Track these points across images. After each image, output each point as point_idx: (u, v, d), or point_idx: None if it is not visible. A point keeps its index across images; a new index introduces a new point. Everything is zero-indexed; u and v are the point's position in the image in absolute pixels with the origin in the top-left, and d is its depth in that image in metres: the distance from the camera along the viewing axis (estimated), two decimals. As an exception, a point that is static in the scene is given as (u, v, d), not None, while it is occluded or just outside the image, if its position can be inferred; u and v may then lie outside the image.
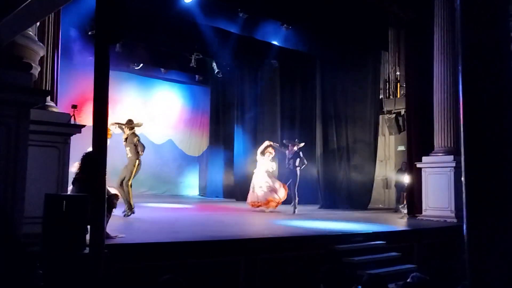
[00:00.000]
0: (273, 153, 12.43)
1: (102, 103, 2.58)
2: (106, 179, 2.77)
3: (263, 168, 12.11)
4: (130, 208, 9.22)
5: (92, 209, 2.58)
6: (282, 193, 11.89)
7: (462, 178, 1.10)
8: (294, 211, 11.71)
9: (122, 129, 9.77)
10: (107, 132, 2.72)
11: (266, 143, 12.49)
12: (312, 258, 7.04)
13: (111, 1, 2.27)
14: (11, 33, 4.07)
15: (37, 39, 5.18)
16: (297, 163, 12.32)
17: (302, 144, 12.87)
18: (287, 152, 12.49)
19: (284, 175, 12.71)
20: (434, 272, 5.72)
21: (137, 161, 9.45)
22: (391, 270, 7.30)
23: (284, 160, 12.65)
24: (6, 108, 4.02)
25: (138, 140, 9.62)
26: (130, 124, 9.79)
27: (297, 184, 12.15)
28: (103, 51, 2.53)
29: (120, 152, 9.85)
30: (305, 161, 12.53)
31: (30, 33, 4.84)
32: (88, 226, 5.22)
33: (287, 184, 12.15)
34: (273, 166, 12.35)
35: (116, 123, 9.82)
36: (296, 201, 11.96)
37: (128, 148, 9.53)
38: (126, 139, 9.63)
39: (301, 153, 12.44)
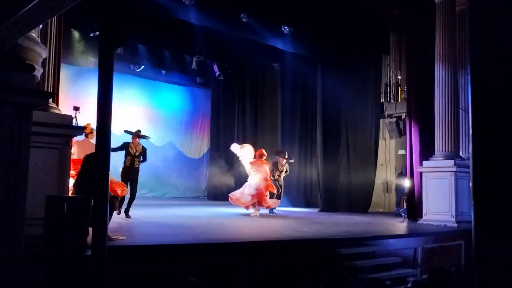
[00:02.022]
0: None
1: (106, 105, 2.58)
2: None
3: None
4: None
5: (95, 211, 2.58)
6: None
7: (470, 184, 1.10)
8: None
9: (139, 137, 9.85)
10: (110, 134, 2.72)
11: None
12: (313, 261, 7.03)
13: (116, 5, 2.28)
14: (15, 35, 4.08)
15: (40, 41, 5.18)
16: (283, 175, 12.34)
17: (291, 160, 12.95)
18: (279, 165, 12.39)
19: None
20: (435, 276, 5.70)
21: None
22: (391, 275, 7.30)
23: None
24: (9, 109, 4.02)
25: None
26: (140, 134, 9.96)
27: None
28: (107, 54, 2.54)
29: (120, 154, 9.84)
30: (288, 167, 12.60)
31: (33, 35, 4.85)
32: (90, 228, 5.24)
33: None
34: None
35: (130, 132, 9.98)
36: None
37: (137, 159, 9.72)
38: (141, 150, 9.80)
39: (287, 165, 12.54)
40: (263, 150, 12.23)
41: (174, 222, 9.49)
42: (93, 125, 9.31)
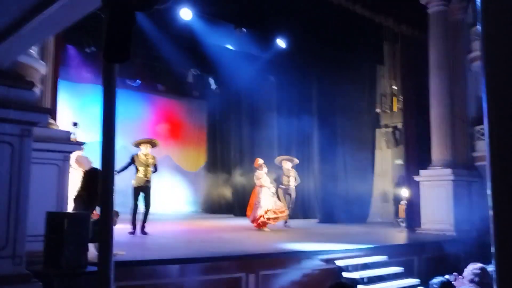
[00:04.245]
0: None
1: (110, 120, 2.59)
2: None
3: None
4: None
5: (100, 227, 2.58)
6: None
7: (488, 191, 1.10)
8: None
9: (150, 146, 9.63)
10: (114, 148, 2.72)
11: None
12: (314, 274, 7.02)
13: (121, 20, 2.30)
14: (15, 52, 4.10)
15: (38, 58, 5.21)
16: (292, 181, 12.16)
17: (296, 161, 12.75)
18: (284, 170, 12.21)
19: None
20: (437, 286, 5.69)
21: None
22: (393, 285, 7.28)
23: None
24: (10, 126, 4.03)
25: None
26: (153, 141, 9.81)
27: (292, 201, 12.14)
28: (110, 70, 2.55)
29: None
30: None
31: (32, 52, 4.87)
32: (90, 244, 5.21)
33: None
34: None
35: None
36: None
37: (149, 169, 9.41)
38: (153, 158, 9.50)
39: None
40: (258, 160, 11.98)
41: (173, 236, 9.46)
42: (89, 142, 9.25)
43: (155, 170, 9.58)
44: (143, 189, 9.36)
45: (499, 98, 1.09)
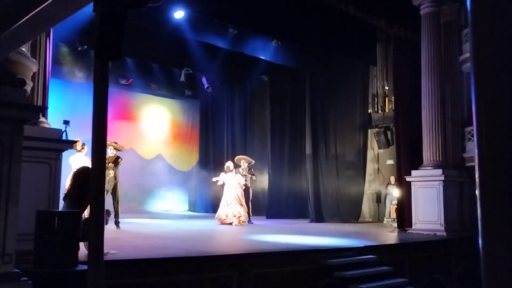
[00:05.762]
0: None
1: (102, 119, 2.59)
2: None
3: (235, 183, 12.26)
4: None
5: (91, 225, 2.58)
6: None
7: (476, 192, 1.12)
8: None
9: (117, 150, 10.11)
10: (106, 148, 2.72)
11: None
12: (305, 273, 7.04)
13: (113, 18, 2.30)
14: (6, 50, 4.07)
15: (30, 55, 5.17)
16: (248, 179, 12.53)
17: (252, 162, 13.15)
18: (241, 170, 12.70)
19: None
20: (426, 285, 5.73)
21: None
22: (383, 284, 7.32)
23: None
24: (0, 124, 4.00)
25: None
26: (117, 145, 10.09)
27: (250, 199, 12.76)
28: (103, 68, 2.55)
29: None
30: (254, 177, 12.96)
31: (23, 49, 4.84)
32: (81, 243, 5.19)
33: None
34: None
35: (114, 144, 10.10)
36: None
37: (110, 169, 9.76)
38: (115, 160, 9.88)
39: (252, 169, 12.78)
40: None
41: (165, 235, 9.44)
42: (81, 140, 9.38)
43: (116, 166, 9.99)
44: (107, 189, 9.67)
45: (487, 100, 1.10)
